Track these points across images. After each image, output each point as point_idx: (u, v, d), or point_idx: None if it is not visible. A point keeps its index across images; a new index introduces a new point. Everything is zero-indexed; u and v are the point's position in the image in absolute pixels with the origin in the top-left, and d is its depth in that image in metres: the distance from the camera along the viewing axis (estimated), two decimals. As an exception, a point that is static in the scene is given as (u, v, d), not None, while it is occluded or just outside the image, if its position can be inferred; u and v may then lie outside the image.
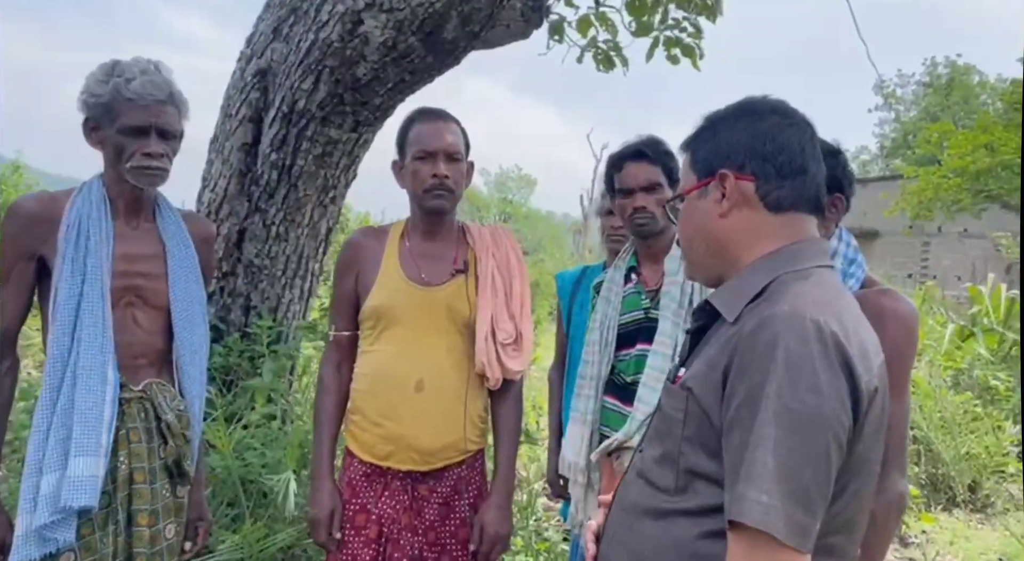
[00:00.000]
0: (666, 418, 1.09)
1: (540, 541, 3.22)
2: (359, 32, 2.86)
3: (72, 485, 1.47)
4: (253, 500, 2.69)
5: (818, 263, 1.07)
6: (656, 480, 1.08)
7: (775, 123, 1.09)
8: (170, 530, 1.68)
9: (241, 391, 3.12)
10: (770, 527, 0.88)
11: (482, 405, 1.93)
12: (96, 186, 1.65)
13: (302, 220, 3.33)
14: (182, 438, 1.68)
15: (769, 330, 0.95)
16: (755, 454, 0.90)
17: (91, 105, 1.60)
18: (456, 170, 1.85)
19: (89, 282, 1.56)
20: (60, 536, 1.48)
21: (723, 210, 1.09)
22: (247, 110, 3.17)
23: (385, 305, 1.85)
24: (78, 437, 1.50)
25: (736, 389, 0.96)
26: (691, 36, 3.90)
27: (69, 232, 1.56)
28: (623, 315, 1.99)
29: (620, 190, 1.98)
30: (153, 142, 1.59)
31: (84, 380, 1.52)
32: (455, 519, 1.86)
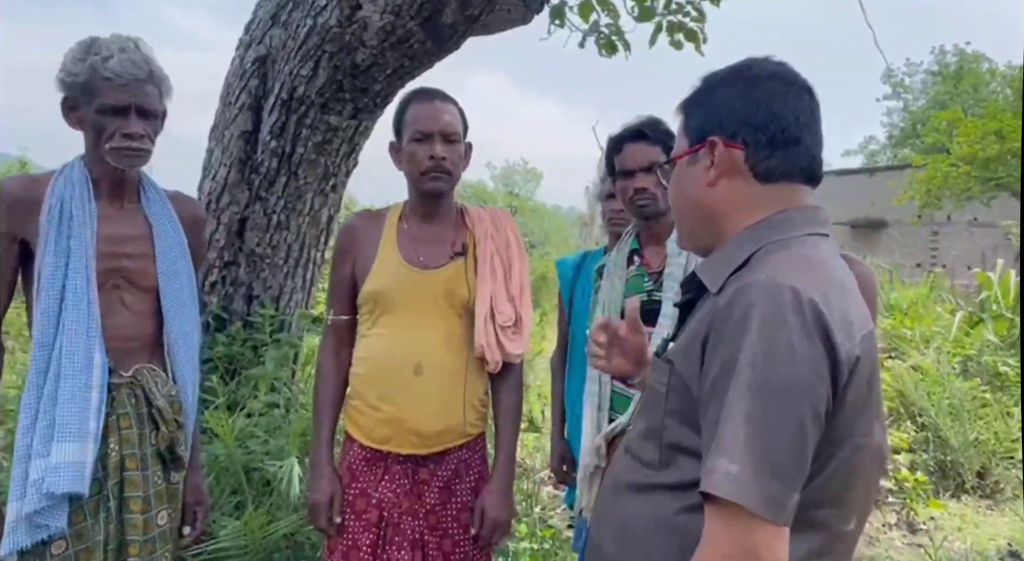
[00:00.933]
0: (651, 391, 1.07)
1: (545, 528, 3.21)
2: (357, 17, 2.84)
3: (56, 471, 1.45)
4: (256, 487, 2.69)
5: (808, 231, 1.04)
6: (641, 454, 1.06)
7: (772, 89, 1.05)
8: (163, 517, 1.65)
9: (244, 380, 3.11)
10: (740, 498, 0.86)
11: (482, 389, 1.91)
12: (78, 167, 1.61)
13: (303, 208, 3.31)
14: (174, 424, 1.65)
15: (745, 299, 0.92)
16: (727, 425, 0.88)
17: (68, 84, 1.56)
18: (453, 151, 1.82)
19: (73, 264, 1.52)
20: (51, 523, 1.46)
21: (711, 179, 1.06)
22: (246, 98, 3.16)
23: (383, 289, 1.83)
24: (62, 422, 1.47)
25: (712, 360, 0.94)
26: (694, 20, 3.86)
27: (51, 214, 1.53)
28: (626, 298, 1.98)
29: (621, 171, 1.97)
30: (133, 122, 1.55)
31: (69, 364, 1.50)
32: (456, 503, 1.85)
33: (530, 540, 3.06)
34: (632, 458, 1.08)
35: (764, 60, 1.09)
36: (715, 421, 0.90)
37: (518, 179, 39.44)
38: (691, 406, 0.98)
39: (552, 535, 3.16)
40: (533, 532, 3.11)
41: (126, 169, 1.62)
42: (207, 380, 2.98)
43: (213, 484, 2.63)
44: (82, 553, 1.52)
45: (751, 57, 1.10)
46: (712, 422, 0.91)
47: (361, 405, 1.85)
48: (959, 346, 5.83)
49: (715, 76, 1.10)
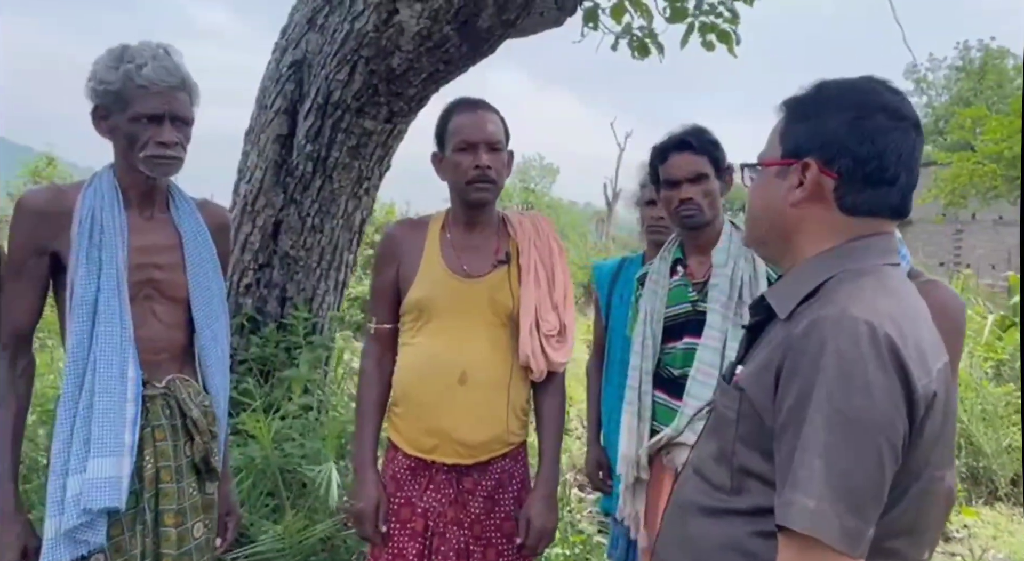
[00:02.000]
0: (720, 416, 1.08)
1: (575, 533, 3.21)
2: (394, 22, 2.84)
3: (93, 486, 1.43)
4: (293, 491, 2.71)
5: (882, 261, 1.03)
6: (711, 477, 1.07)
7: (880, 124, 1.01)
8: (198, 529, 1.63)
9: (278, 382, 3.14)
10: (818, 533, 0.87)
11: (525, 397, 1.91)
12: (107, 177, 1.59)
13: (337, 211, 3.33)
14: (208, 434, 1.63)
15: (820, 332, 0.93)
16: (803, 458, 0.89)
17: (100, 93, 1.53)
18: (498, 160, 1.82)
19: (105, 276, 1.51)
20: (91, 538, 1.45)
21: (796, 199, 1.04)
22: (282, 102, 3.18)
23: (427, 297, 1.83)
24: (98, 437, 1.45)
25: (787, 392, 0.94)
26: (727, 22, 3.83)
27: (82, 226, 1.51)
28: (669, 308, 1.97)
29: (666, 181, 1.95)
30: (167, 130, 1.53)
31: (104, 378, 1.48)
32: (500, 513, 1.85)
33: (562, 545, 3.06)
34: (702, 480, 1.09)
35: (882, 86, 1.06)
36: (790, 453, 0.91)
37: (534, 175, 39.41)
38: (762, 434, 0.98)
39: (583, 541, 3.16)
40: (564, 537, 3.11)
41: (159, 177, 1.60)
42: (243, 382, 3.01)
43: (250, 487, 2.65)
44: None
45: (871, 77, 1.07)
46: (787, 453, 0.92)
47: (405, 413, 1.85)
48: (991, 350, 5.75)
49: (827, 91, 1.07)
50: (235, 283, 3.29)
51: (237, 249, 3.30)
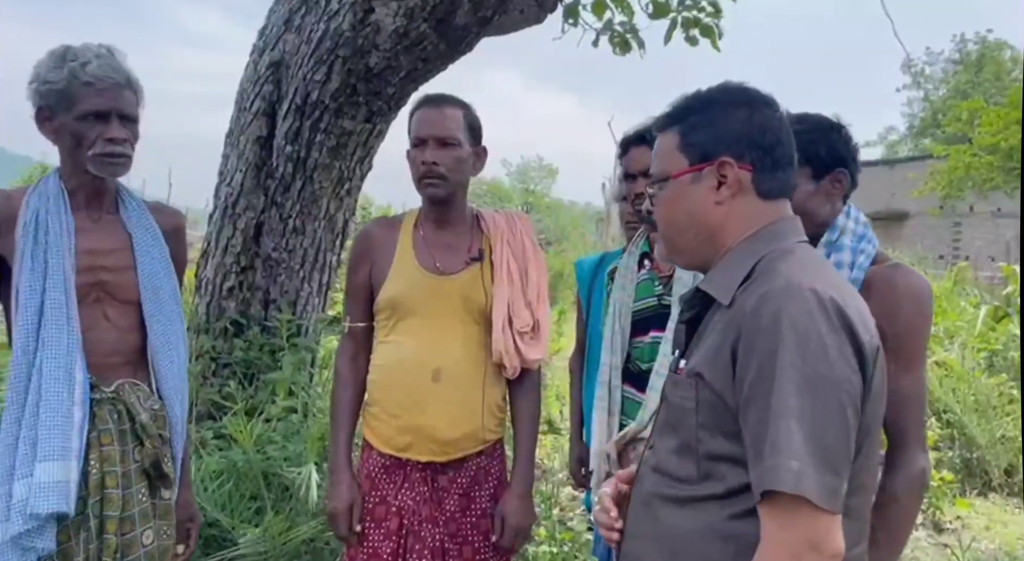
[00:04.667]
0: (675, 409, 1.10)
1: (564, 531, 3.19)
2: (370, 20, 2.83)
3: (41, 490, 1.41)
4: (275, 493, 2.69)
5: (797, 240, 1.12)
6: (675, 471, 1.09)
7: (769, 115, 1.13)
8: (148, 536, 1.59)
9: (262, 385, 3.13)
10: (805, 491, 0.90)
11: (500, 394, 1.90)
12: (52, 180, 1.57)
13: (318, 213, 3.32)
14: (159, 439, 1.60)
15: (771, 304, 0.98)
16: (778, 424, 0.93)
17: (44, 93, 1.51)
18: (448, 156, 1.79)
19: (51, 280, 1.48)
20: (39, 544, 1.42)
21: (720, 198, 1.11)
22: (261, 103, 3.16)
23: (400, 295, 1.82)
24: (44, 441, 1.43)
25: (747, 366, 0.98)
26: (710, 16, 3.82)
27: (26, 229, 1.49)
28: (637, 302, 1.95)
29: (625, 174, 1.95)
30: (115, 127, 1.51)
31: (50, 382, 1.46)
32: (476, 510, 1.84)
33: (549, 543, 3.04)
34: (662, 476, 1.10)
35: (746, 86, 1.16)
36: (760, 421, 0.95)
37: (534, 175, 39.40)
38: (725, 416, 1.02)
39: (571, 538, 3.14)
40: (552, 535, 3.09)
41: (108, 176, 1.58)
42: (226, 385, 3.00)
43: (232, 490, 2.64)
44: None
45: (730, 82, 1.17)
46: (756, 423, 0.96)
47: (379, 412, 1.84)
48: (984, 341, 5.73)
49: (707, 98, 1.15)
50: (218, 286, 3.27)
51: (219, 252, 3.29)
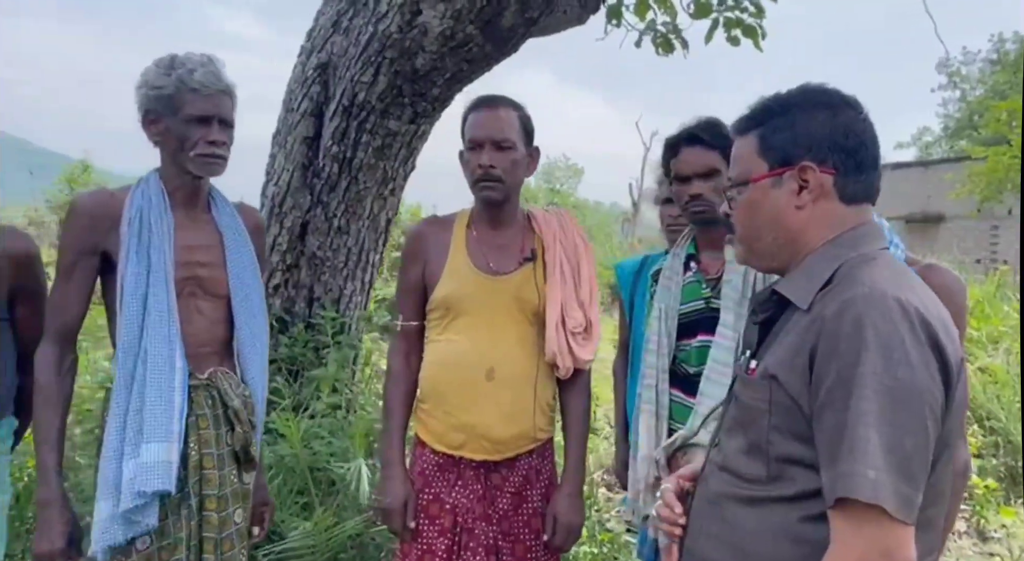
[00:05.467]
0: (747, 409, 1.10)
1: (603, 532, 3.20)
2: (418, 23, 2.86)
3: (146, 470, 1.51)
4: (322, 488, 2.73)
5: (879, 246, 1.10)
6: (743, 471, 1.09)
7: (852, 117, 1.11)
8: (238, 515, 1.70)
9: (307, 381, 3.18)
10: (881, 501, 0.90)
11: (551, 394, 1.91)
12: (153, 180, 1.67)
13: (362, 212, 3.36)
14: (248, 424, 1.71)
15: (853, 311, 0.97)
16: (856, 431, 0.92)
17: (152, 98, 1.62)
18: (504, 158, 1.80)
19: (154, 274, 1.58)
20: (143, 520, 1.53)
21: (801, 202, 1.10)
22: (308, 104, 3.21)
23: (454, 295, 1.84)
24: (150, 424, 1.54)
25: (826, 372, 0.97)
26: (752, 16, 3.79)
27: (131, 226, 1.59)
28: (683, 304, 1.93)
29: (676, 177, 1.90)
30: (215, 130, 1.62)
31: (154, 369, 1.56)
32: (528, 509, 1.86)
33: (590, 543, 3.05)
34: (731, 475, 1.10)
35: (829, 88, 1.14)
36: (837, 428, 0.94)
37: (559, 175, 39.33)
38: (799, 419, 1.01)
39: (610, 539, 3.15)
40: (592, 535, 3.10)
41: (206, 176, 1.68)
42: (272, 381, 3.06)
43: (280, 485, 2.69)
44: (165, 549, 1.58)
45: (810, 83, 1.16)
46: (832, 429, 0.95)
47: (432, 410, 1.86)
48: (1029, 347, 5.60)
49: (788, 100, 1.14)
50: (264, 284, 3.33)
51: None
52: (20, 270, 1.73)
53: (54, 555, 1.55)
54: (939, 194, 19.16)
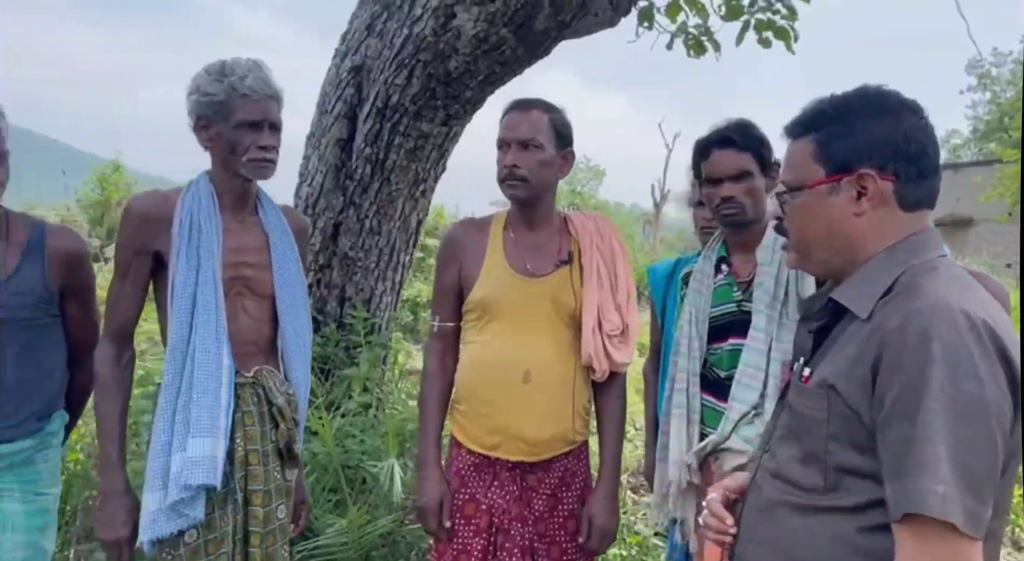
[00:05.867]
0: (802, 418, 1.09)
1: (632, 534, 3.20)
2: (452, 26, 2.88)
3: (193, 464, 1.54)
4: (354, 486, 2.76)
5: (938, 253, 1.09)
6: (799, 480, 1.08)
7: (914, 123, 1.09)
8: (281, 511, 1.73)
9: (338, 380, 3.21)
10: (951, 517, 0.89)
11: (587, 397, 1.92)
12: (204, 183, 1.71)
13: (394, 213, 3.39)
14: (292, 422, 1.74)
15: (918, 323, 0.95)
16: (924, 446, 0.91)
17: (204, 104, 1.65)
18: (529, 158, 1.81)
19: (203, 274, 1.62)
20: (190, 513, 1.56)
21: (860, 209, 1.09)
22: (342, 106, 3.25)
23: (491, 296, 1.85)
24: (197, 419, 1.57)
25: (890, 384, 0.96)
26: (785, 18, 3.76)
27: (182, 227, 1.63)
28: (714, 307, 1.92)
29: (707, 178, 1.89)
30: (266, 135, 1.65)
31: (202, 366, 1.59)
32: (563, 511, 1.86)
33: (619, 546, 3.05)
34: (785, 483, 1.10)
35: (888, 90, 1.12)
36: (904, 441, 0.93)
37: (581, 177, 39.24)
38: (858, 429, 1.00)
39: (639, 542, 3.14)
40: (621, 538, 3.10)
41: (256, 180, 1.72)
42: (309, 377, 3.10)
43: (313, 483, 2.72)
44: (211, 542, 1.61)
45: (870, 86, 1.13)
46: (898, 442, 0.94)
47: (468, 411, 1.88)
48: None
49: (846, 105, 1.12)
50: (300, 284, 3.37)
51: (299, 250, 3.39)
52: (70, 268, 1.78)
53: (120, 543, 1.60)
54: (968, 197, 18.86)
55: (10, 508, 1.67)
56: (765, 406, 1.77)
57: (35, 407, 1.72)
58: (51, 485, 1.78)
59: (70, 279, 1.78)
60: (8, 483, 1.68)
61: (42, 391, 1.74)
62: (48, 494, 1.76)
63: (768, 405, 1.77)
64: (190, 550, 1.59)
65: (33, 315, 1.70)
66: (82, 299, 1.83)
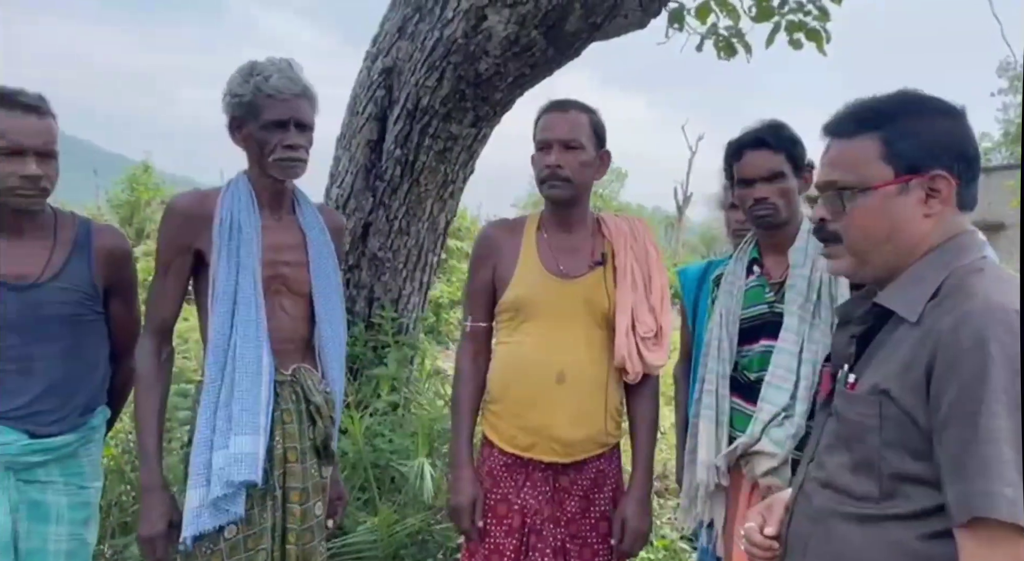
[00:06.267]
0: (851, 425, 1.07)
1: (659, 538, 3.18)
2: (483, 28, 2.90)
3: (235, 461, 1.56)
4: (383, 485, 2.78)
5: (981, 254, 1.08)
6: (851, 488, 1.07)
7: (964, 123, 1.10)
8: (318, 508, 1.75)
9: (366, 380, 3.23)
10: (1020, 519, 0.87)
11: (619, 398, 1.92)
12: (242, 182, 1.73)
13: (422, 214, 3.41)
14: (329, 420, 1.75)
15: (972, 325, 0.95)
16: (988, 448, 0.90)
17: (235, 105, 1.68)
18: (572, 158, 1.82)
19: (243, 272, 1.64)
20: (231, 508, 1.58)
21: (930, 211, 1.07)
22: (373, 108, 3.27)
23: (525, 297, 1.86)
24: (238, 417, 1.59)
25: (946, 387, 0.95)
26: (817, 19, 3.73)
27: (222, 226, 1.65)
28: (745, 309, 1.91)
29: (740, 180, 1.88)
30: (292, 134, 1.66)
31: (243, 364, 1.61)
32: (595, 512, 1.86)
33: (646, 550, 3.04)
34: (837, 492, 1.08)
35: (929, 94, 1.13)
36: (964, 445, 0.92)
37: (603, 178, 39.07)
38: (913, 435, 0.99)
39: (666, 545, 3.13)
40: (649, 541, 3.09)
41: (286, 179, 1.73)
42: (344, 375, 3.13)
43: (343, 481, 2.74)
44: (251, 538, 1.64)
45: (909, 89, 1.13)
46: (958, 446, 0.93)
47: (501, 411, 1.88)
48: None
49: (905, 106, 1.11)
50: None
51: (328, 251, 3.42)
52: (115, 266, 1.81)
53: (155, 538, 1.62)
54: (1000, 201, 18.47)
55: (55, 500, 1.71)
56: (795, 408, 1.76)
57: (80, 402, 1.75)
58: (94, 479, 1.81)
59: (115, 276, 1.81)
60: (53, 476, 1.71)
61: (86, 386, 1.77)
62: (91, 487, 1.80)
63: (799, 407, 1.76)
64: (229, 545, 1.61)
65: (79, 311, 1.74)
66: (125, 296, 1.86)
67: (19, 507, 1.66)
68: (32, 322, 1.67)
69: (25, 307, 1.66)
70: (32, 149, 1.61)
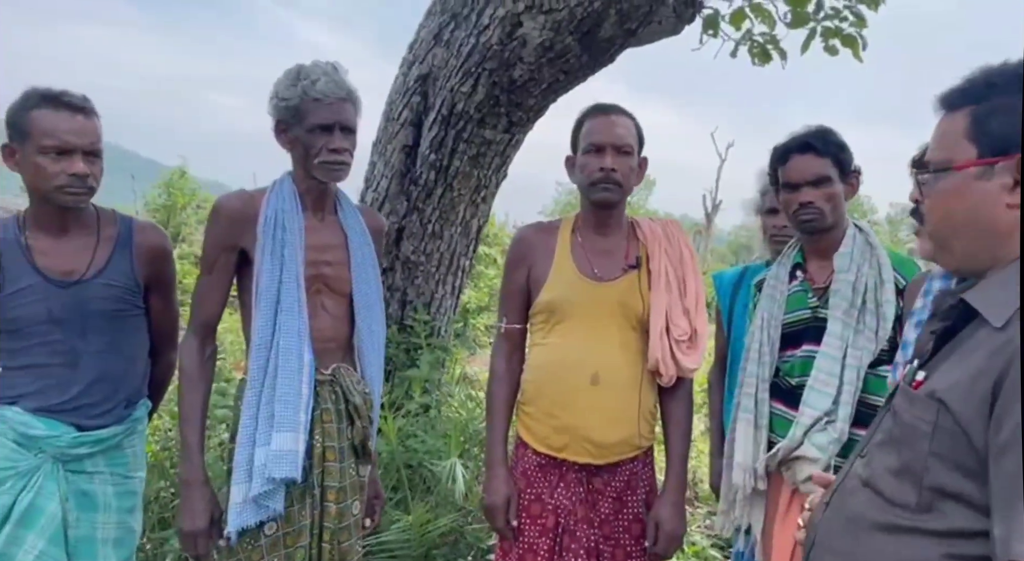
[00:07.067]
0: (905, 427, 0.99)
1: (690, 545, 3.17)
2: (518, 34, 2.93)
3: (276, 458, 1.59)
4: (416, 485, 2.81)
5: None
6: (891, 493, 1.00)
7: None
8: (356, 507, 1.77)
9: (399, 381, 3.27)
10: None
11: (653, 401, 1.92)
12: (287, 183, 1.76)
13: (455, 218, 3.45)
14: (367, 419, 1.78)
15: None
16: None
17: (281, 109, 1.71)
18: (624, 163, 1.84)
19: (287, 272, 1.67)
20: (271, 504, 1.61)
21: (1015, 200, 0.94)
22: (408, 114, 3.32)
23: (559, 299, 1.87)
24: (280, 414, 1.62)
25: (1012, 409, 0.86)
26: (853, 25, 3.70)
27: (267, 226, 1.68)
28: (788, 314, 1.91)
29: (785, 184, 1.89)
30: (337, 138, 1.69)
31: (285, 362, 1.64)
32: (628, 514, 1.87)
33: (677, 556, 3.02)
34: (876, 494, 1.03)
35: None
36: (1017, 479, 0.84)
37: (631, 186, 38.85)
38: (966, 451, 0.91)
39: (697, 552, 3.11)
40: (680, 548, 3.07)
41: (331, 181, 1.76)
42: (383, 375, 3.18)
43: (377, 480, 2.78)
44: (290, 535, 1.66)
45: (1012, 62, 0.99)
46: (1012, 479, 0.85)
47: (535, 412, 1.89)
48: None
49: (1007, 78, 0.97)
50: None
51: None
52: (156, 262, 1.86)
53: (197, 534, 1.64)
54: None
55: (102, 490, 1.76)
56: (838, 413, 1.75)
57: (123, 395, 1.80)
58: (138, 469, 1.86)
59: (155, 273, 1.86)
60: (100, 467, 1.77)
61: (130, 380, 1.82)
62: (135, 477, 1.85)
63: (841, 412, 1.75)
64: (270, 542, 1.64)
65: (122, 307, 1.79)
66: (165, 292, 1.91)
67: (68, 497, 1.71)
68: (78, 317, 1.72)
69: (71, 303, 1.71)
70: (80, 148, 1.66)
